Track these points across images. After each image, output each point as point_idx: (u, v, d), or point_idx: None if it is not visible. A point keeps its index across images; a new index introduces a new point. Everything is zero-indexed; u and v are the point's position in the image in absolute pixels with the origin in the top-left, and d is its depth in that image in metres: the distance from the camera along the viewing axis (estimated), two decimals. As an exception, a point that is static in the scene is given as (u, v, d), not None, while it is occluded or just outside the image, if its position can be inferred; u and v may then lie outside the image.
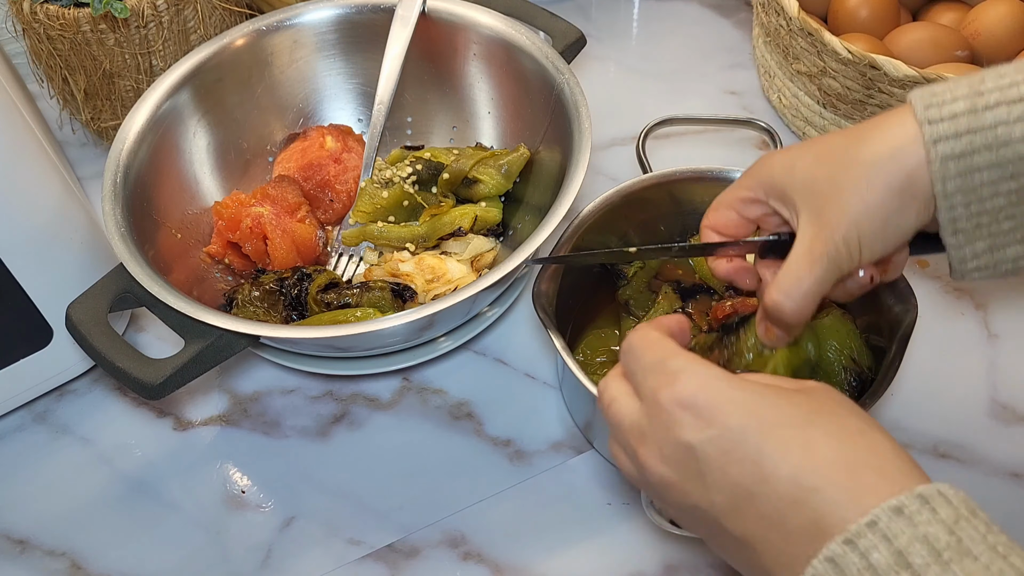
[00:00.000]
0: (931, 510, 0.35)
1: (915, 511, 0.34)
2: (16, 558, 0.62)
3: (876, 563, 0.34)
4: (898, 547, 0.34)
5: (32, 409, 0.69)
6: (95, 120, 0.80)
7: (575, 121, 0.66)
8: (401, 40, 0.73)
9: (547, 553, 0.60)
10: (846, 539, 0.35)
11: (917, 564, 0.33)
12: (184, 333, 0.59)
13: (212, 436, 0.68)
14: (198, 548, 0.62)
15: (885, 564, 0.34)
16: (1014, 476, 0.63)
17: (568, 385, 0.66)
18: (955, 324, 0.71)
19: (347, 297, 0.66)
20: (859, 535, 0.34)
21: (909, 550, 0.34)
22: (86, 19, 0.72)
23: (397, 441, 0.67)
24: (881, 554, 0.34)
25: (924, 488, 0.35)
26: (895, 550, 0.34)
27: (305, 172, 0.75)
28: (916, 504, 0.35)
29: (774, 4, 0.78)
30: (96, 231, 0.67)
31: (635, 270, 0.69)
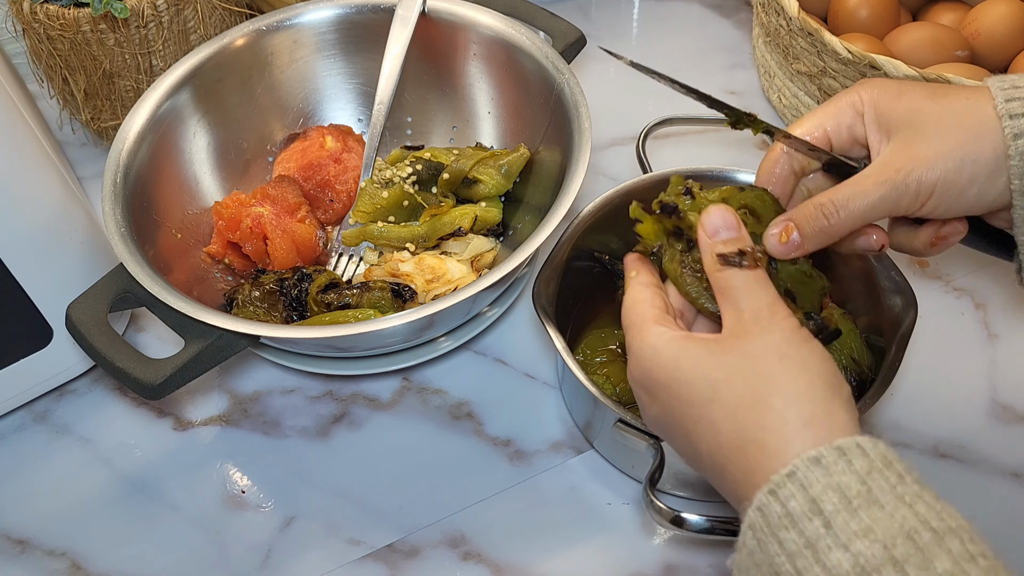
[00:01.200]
0: (847, 461, 0.37)
1: (831, 462, 0.37)
2: (16, 558, 0.62)
3: (792, 510, 0.37)
4: (812, 495, 0.37)
5: (32, 409, 0.69)
6: (95, 120, 0.80)
7: (575, 121, 0.66)
8: (401, 40, 0.73)
9: (547, 553, 0.60)
10: (770, 489, 0.38)
11: (828, 511, 0.36)
12: (184, 333, 0.59)
13: (212, 436, 0.68)
14: (198, 548, 0.62)
15: (800, 511, 0.37)
16: (1014, 476, 0.63)
17: (568, 385, 0.66)
18: (955, 324, 0.71)
19: (347, 297, 0.66)
20: (780, 485, 0.38)
21: (822, 498, 0.36)
22: (86, 19, 0.72)
23: (397, 441, 0.67)
24: (797, 502, 0.37)
25: (843, 441, 0.38)
26: (810, 498, 0.37)
27: (305, 172, 0.75)
28: (833, 455, 0.37)
29: (774, 4, 0.78)
30: (96, 231, 0.67)
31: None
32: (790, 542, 0.37)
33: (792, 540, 0.37)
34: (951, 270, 0.74)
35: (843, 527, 0.36)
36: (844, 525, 0.36)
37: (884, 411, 0.66)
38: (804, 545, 0.36)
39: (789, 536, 0.37)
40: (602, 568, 0.60)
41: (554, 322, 0.59)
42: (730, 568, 0.41)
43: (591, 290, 0.69)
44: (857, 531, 0.36)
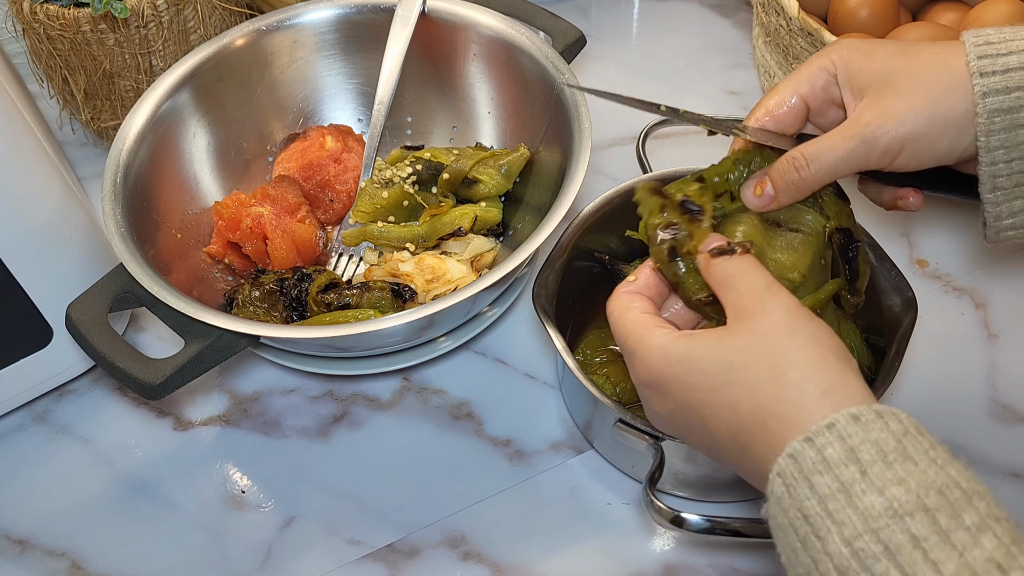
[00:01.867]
0: (883, 423, 0.39)
1: (870, 420, 0.39)
2: (16, 558, 0.62)
3: (829, 457, 0.38)
4: (851, 445, 0.38)
5: (32, 409, 0.69)
6: (95, 120, 0.80)
7: (575, 121, 0.66)
8: (401, 40, 0.73)
9: (547, 553, 0.60)
10: (806, 437, 0.39)
11: (865, 460, 0.37)
12: (184, 333, 0.59)
13: (212, 436, 0.68)
14: (198, 548, 0.62)
15: (837, 458, 0.38)
16: (1014, 476, 0.63)
17: (568, 385, 0.66)
18: (955, 324, 0.71)
19: (347, 297, 0.66)
20: (817, 434, 0.39)
21: (860, 448, 0.38)
22: (86, 19, 0.72)
23: (397, 441, 0.67)
24: (835, 449, 0.38)
25: (880, 406, 0.39)
26: (848, 447, 0.38)
27: (305, 172, 0.75)
28: (871, 415, 0.39)
29: (774, 4, 0.78)
30: (96, 231, 0.67)
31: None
32: (823, 485, 0.38)
33: (825, 484, 0.38)
34: (951, 270, 0.74)
35: (879, 475, 0.37)
36: (880, 473, 0.37)
37: (884, 411, 0.66)
38: (838, 489, 0.37)
39: (823, 480, 0.38)
40: (602, 568, 0.60)
41: (554, 322, 0.59)
42: (763, 516, 0.41)
43: (591, 290, 0.69)
44: (892, 479, 0.37)
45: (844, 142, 0.48)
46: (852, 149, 0.48)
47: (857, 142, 0.48)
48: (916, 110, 0.47)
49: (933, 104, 0.47)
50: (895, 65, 0.49)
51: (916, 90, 0.47)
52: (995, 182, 0.47)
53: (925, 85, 0.47)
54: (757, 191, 0.51)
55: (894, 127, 0.47)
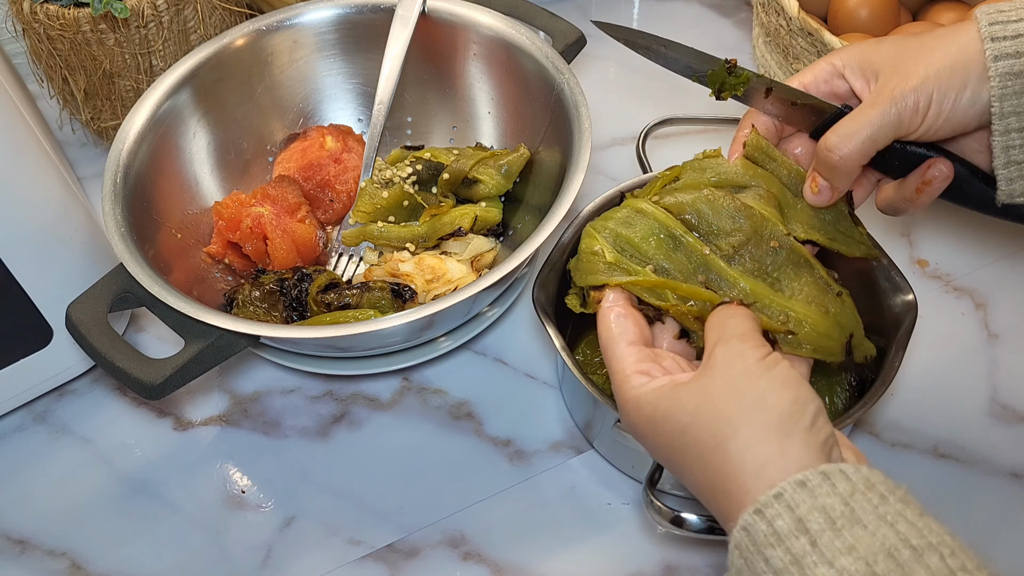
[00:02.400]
0: (831, 484, 0.38)
1: (816, 484, 0.38)
2: (16, 558, 0.62)
3: (779, 529, 0.38)
4: (799, 515, 0.38)
5: (32, 409, 0.69)
6: (95, 120, 0.80)
7: (575, 121, 0.66)
8: (401, 40, 0.73)
9: (547, 553, 0.60)
10: (756, 509, 0.39)
11: (814, 530, 0.37)
12: (184, 333, 0.59)
13: (212, 436, 0.68)
14: (198, 548, 0.62)
15: (786, 530, 0.38)
16: (1014, 476, 0.63)
17: (568, 385, 0.66)
18: (955, 324, 0.71)
19: (347, 297, 0.66)
20: (767, 505, 0.39)
21: (808, 517, 0.38)
22: (86, 19, 0.72)
23: (397, 441, 0.67)
24: (784, 521, 0.38)
25: (827, 466, 0.39)
26: (796, 517, 0.38)
27: (305, 172, 0.75)
28: (818, 479, 0.39)
29: (774, 4, 0.78)
30: (96, 231, 0.67)
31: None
32: (776, 559, 0.38)
33: (779, 557, 0.38)
34: (951, 270, 0.74)
35: (828, 545, 0.37)
36: (829, 543, 0.37)
37: (884, 411, 0.66)
38: (791, 562, 0.37)
39: (776, 553, 0.38)
40: (602, 568, 0.60)
41: (554, 322, 0.59)
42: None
43: (591, 290, 0.69)
44: (841, 549, 0.37)
45: (874, 109, 0.49)
46: (883, 113, 0.49)
47: (887, 105, 0.49)
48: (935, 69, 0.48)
49: (951, 59, 0.48)
50: (906, 42, 0.50)
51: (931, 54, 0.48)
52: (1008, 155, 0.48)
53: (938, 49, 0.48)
54: (814, 188, 0.53)
55: (918, 84, 0.48)
